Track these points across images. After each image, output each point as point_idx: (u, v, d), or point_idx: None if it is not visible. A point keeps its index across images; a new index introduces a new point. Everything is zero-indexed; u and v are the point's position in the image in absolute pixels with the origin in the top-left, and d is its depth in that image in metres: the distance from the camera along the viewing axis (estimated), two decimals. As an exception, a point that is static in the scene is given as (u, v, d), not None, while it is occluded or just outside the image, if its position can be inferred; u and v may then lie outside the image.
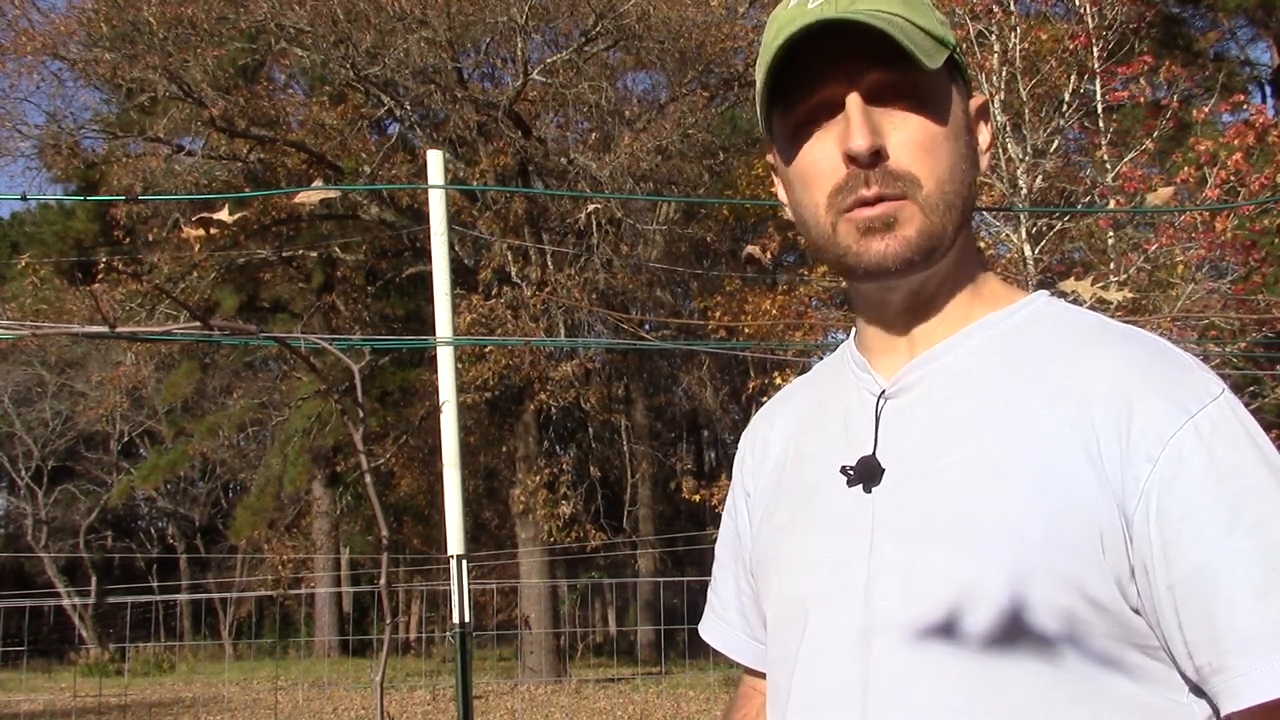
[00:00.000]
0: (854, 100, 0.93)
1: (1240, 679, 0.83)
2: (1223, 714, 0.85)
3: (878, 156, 0.93)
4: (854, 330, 1.10)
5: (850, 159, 0.93)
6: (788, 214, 1.06)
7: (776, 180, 1.07)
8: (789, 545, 1.04)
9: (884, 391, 1.00)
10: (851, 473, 0.98)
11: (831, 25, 0.91)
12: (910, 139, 0.94)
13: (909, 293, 0.99)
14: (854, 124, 0.92)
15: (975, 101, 1.03)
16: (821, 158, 0.96)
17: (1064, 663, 0.86)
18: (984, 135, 1.04)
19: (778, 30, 0.96)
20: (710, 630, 1.21)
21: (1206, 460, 0.85)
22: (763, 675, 1.15)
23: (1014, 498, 0.89)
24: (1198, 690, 0.87)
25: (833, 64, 0.94)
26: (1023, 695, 0.87)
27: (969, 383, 0.96)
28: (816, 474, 1.03)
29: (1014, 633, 0.87)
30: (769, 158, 1.08)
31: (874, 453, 0.98)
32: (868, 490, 0.97)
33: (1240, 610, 0.83)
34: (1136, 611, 0.87)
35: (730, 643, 1.19)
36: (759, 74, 0.98)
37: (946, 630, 0.89)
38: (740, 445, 1.20)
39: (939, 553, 0.91)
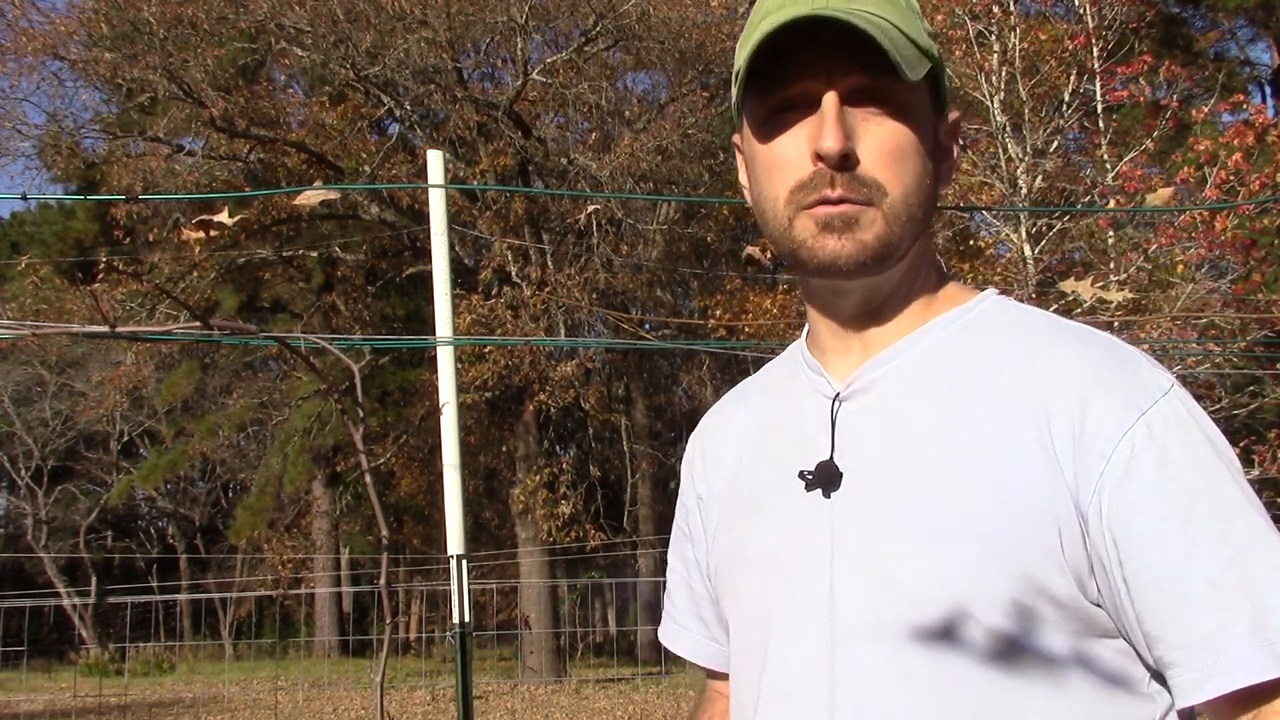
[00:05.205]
0: (830, 99, 0.92)
1: (1194, 674, 0.83)
2: (1177, 707, 0.86)
3: (846, 160, 0.92)
4: (805, 329, 1.08)
5: (819, 158, 0.93)
6: (746, 196, 1.04)
7: (740, 161, 1.06)
8: (749, 553, 1.03)
9: (839, 394, 0.99)
10: (810, 477, 0.98)
11: (819, 21, 0.90)
12: (881, 146, 0.93)
13: (861, 298, 0.99)
14: (827, 124, 0.92)
15: (949, 117, 1.03)
16: (790, 150, 0.95)
17: (1027, 660, 0.87)
18: (954, 151, 1.04)
19: (764, 15, 0.95)
20: (668, 634, 1.21)
21: (1159, 455, 0.86)
22: (723, 676, 1.14)
23: (974, 499, 0.89)
24: (1161, 678, 0.88)
25: (815, 59, 0.93)
26: (988, 692, 0.87)
27: (924, 384, 0.96)
28: (774, 480, 1.02)
29: (977, 633, 0.87)
30: (735, 138, 1.07)
31: (831, 457, 0.97)
32: (827, 495, 0.96)
33: (1194, 605, 0.84)
34: (1097, 605, 0.88)
35: (688, 646, 1.18)
36: (739, 55, 0.97)
37: (912, 633, 0.89)
38: (689, 448, 1.18)
39: (902, 556, 0.91)
